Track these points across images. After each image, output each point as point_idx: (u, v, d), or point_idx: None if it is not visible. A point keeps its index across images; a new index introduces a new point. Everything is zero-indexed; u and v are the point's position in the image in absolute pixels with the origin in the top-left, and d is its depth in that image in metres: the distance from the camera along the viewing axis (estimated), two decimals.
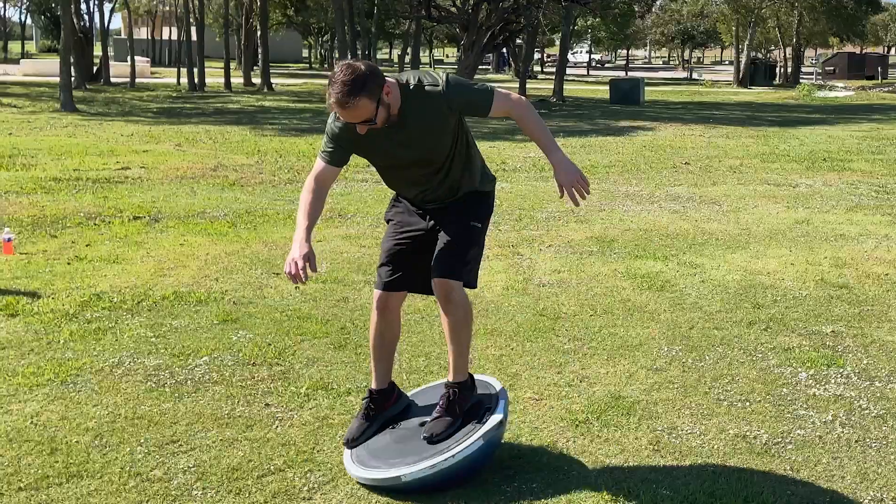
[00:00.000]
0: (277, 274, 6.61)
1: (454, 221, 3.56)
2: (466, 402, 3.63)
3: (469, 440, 3.43)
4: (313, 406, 4.20)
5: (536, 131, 3.51)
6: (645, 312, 5.82)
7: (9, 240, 7.14)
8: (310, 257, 3.36)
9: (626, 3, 50.70)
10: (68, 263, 6.82)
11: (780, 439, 3.94)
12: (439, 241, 3.54)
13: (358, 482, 3.49)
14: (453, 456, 3.39)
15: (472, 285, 3.59)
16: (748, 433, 4.00)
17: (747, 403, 4.35)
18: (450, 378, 3.65)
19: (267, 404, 4.21)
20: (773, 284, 6.57)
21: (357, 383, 4.48)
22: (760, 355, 5.04)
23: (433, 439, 3.48)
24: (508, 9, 28.54)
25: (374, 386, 3.77)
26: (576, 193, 3.45)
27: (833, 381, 4.67)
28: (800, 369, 4.82)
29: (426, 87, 3.36)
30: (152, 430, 3.89)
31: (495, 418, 3.53)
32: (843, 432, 4.03)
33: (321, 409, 4.16)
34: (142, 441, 3.78)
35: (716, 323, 5.62)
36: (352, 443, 3.62)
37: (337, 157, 3.50)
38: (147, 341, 5.05)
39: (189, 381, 4.46)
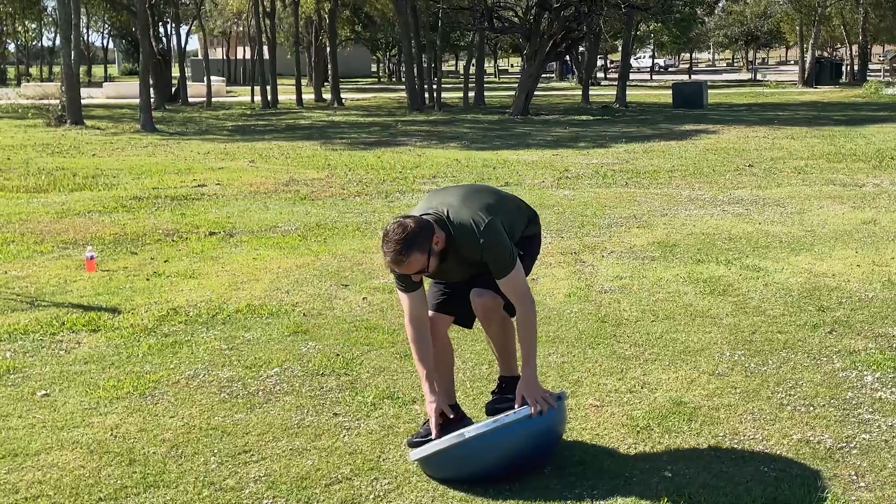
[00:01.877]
0: (346, 286, 6.67)
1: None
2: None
3: (526, 406, 3.52)
4: (379, 415, 4.24)
5: (524, 338, 3.60)
6: (707, 317, 5.74)
7: (91, 258, 7.34)
8: (443, 406, 3.64)
9: (688, 5, 50.03)
10: (147, 279, 6.98)
11: (844, 444, 3.85)
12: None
13: (422, 466, 3.55)
14: (515, 412, 3.48)
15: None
16: (812, 438, 3.91)
17: (811, 408, 4.25)
18: (502, 373, 3.88)
19: (335, 414, 4.26)
20: (839, 286, 6.42)
21: (422, 392, 4.50)
22: (825, 359, 4.93)
23: (495, 408, 3.69)
24: (570, 17, 28.36)
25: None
26: (537, 406, 3.50)
27: None
28: (865, 372, 4.70)
29: (467, 240, 3.49)
30: (225, 440, 3.97)
31: (556, 398, 3.61)
32: None
33: (387, 418, 4.19)
34: (215, 451, 3.85)
35: (779, 327, 5.51)
36: (415, 445, 3.68)
37: (409, 286, 3.64)
38: (221, 354, 5.15)
39: (260, 392, 4.54)
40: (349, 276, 7.00)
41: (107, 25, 72.22)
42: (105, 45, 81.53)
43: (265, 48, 37.26)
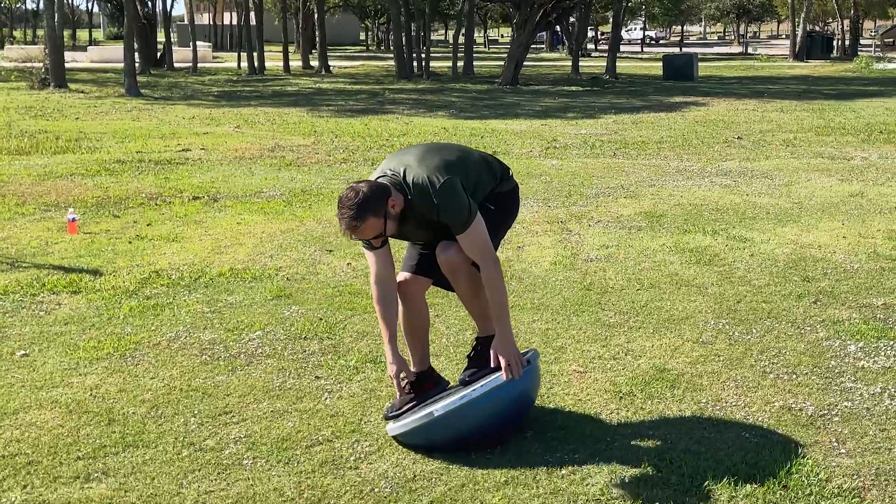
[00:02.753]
0: (330, 251, 6.65)
1: None
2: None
3: (497, 375, 3.49)
4: (362, 379, 4.23)
5: (491, 297, 3.51)
6: (692, 286, 5.74)
7: (73, 220, 7.28)
8: (404, 368, 3.65)
9: None
10: (130, 242, 6.93)
11: (826, 411, 3.87)
12: None
13: (396, 439, 3.55)
14: (482, 386, 3.45)
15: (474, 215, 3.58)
16: (794, 405, 3.93)
17: (794, 376, 4.27)
18: (478, 334, 3.79)
19: (317, 377, 4.25)
20: (824, 258, 6.43)
21: (405, 356, 4.49)
22: (809, 328, 4.94)
23: (467, 378, 3.61)
24: None
25: (412, 368, 3.78)
26: (510, 370, 3.46)
27: (883, 353, 4.56)
28: (849, 342, 4.72)
29: (423, 201, 3.41)
30: (206, 401, 3.95)
31: (526, 361, 3.58)
32: (891, 404, 3.94)
33: (369, 382, 4.19)
34: (195, 412, 3.84)
35: (764, 296, 5.52)
36: (391, 419, 3.66)
37: (371, 244, 3.57)
38: (203, 316, 5.12)
39: (242, 355, 4.52)
40: (334, 241, 6.97)
41: None
42: (90, 8, 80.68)
43: (252, 14, 36.91)
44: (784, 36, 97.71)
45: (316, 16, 39.68)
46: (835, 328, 4.93)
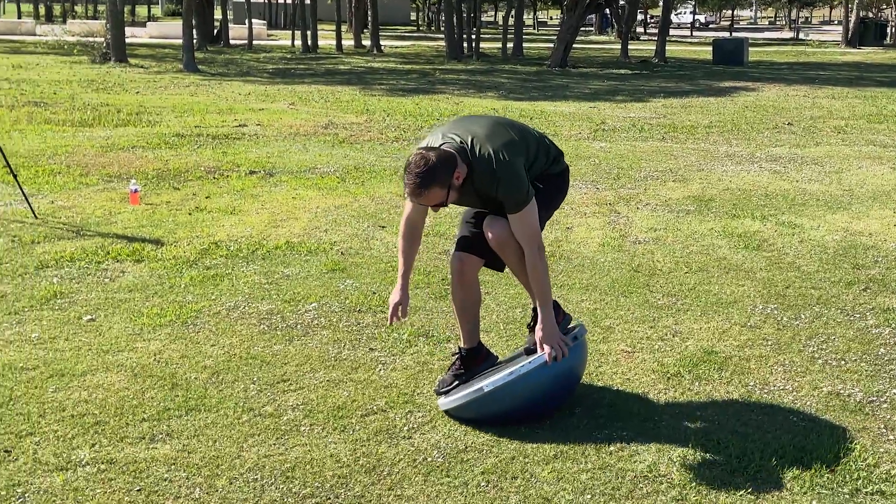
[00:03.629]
0: (383, 227, 6.70)
1: None
2: (558, 317, 3.65)
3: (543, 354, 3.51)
4: (414, 352, 4.28)
5: (534, 282, 3.52)
6: (741, 271, 5.70)
7: (135, 191, 7.41)
8: (402, 303, 3.61)
9: None
10: (189, 214, 7.04)
11: (874, 398, 3.84)
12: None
13: (447, 413, 3.58)
14: (530, 362, 3.47)
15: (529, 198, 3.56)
16: (842, 391, 3.90)
17: (843, 362, 4.24)
18: (535, 304, 3.71)
19: (371, 349, 4.30)
20: (875, 245, 6.34)
21: (456, 332, 4.52)
22: (858, 315, 4.89)
23: (532, 349, 3.55)
24: None
25: (462, 344, 3.81)
26: (553, 353, 3.46)
27: None
28: None
29: (485, 174, 3.40)
30: (264, 369, 4.03)
31: (573, 338, 3.59)
32: None
33: (422, 355, 4.23)
34: (255, 379, 3.91)
35: (813, 283, 5.47)
36: (442, 394, 3.70)
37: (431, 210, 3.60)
38: (261, 287, 5.20)
39: (299, 326, 4.59)
40: (386, 217, 7.02)
41: None
42: None
43: None
44: (836, 21, 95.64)
45: None
46: (885, 316, 4.88)
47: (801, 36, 58.28)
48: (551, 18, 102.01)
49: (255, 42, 37.70)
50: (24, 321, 4.57)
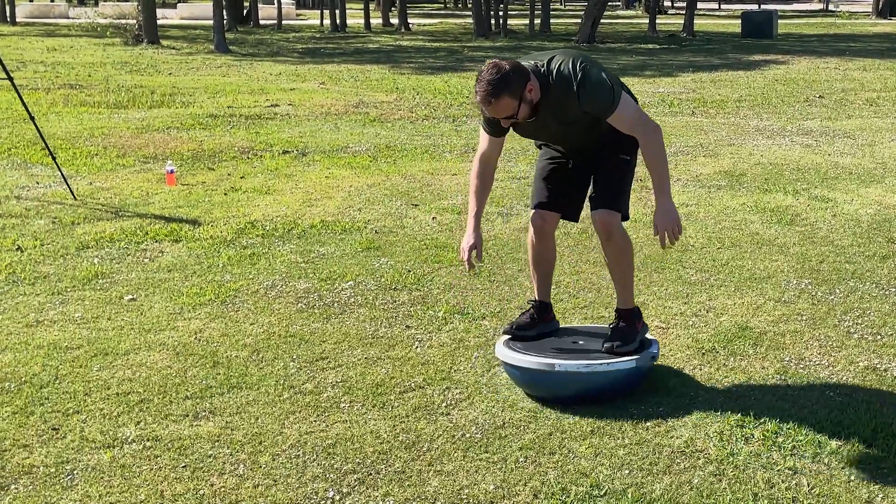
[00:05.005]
0: (416, 205, 6.70)
1: (606, 156, 3.56)
2: (637, 325, 3.64)
3: (624, 358, 3.49)
4: (450, 329, 4.28)
5: (655, 165, 3.41)
6: (774, 246, 5.65)
7: (171, 172, 7.46)
8: (476, 246, 3.55)
9: None
10: (225, 194, 7.08)
11: None
12: (596, 175, 3.57)
13: (506, 368, 3.59)
14: (608, 364, 3.45)
15: (627, 217, 3.60)
16: (878, 365, 3.86)
17: (878, 336, 4.19)
18: (618, 305, 3.69)
19: (407, 326, 4.31)
20: None
21: (491, 308, 4.54)
22: (894, 290, 4.83)
23: (614, 349, 3.51)
24: None
25: (536, 296, 3.82)
26: (667, 237, 3.38)
27: None
28: None
29: (563, 87, 3.34)
30: (303, 347, 4.05)
31: (649, 352, 3.59)
32: None
33: (457, 332, 4.24)
34: (294, 357, 3.94)
35: (847, 257, 5.40)
36: (514, 331, 3.68)
37: (493, 130, 3.58)
38: (297, 266, 5.23)
39: (336, 304, 4.61)
40: (419, 196, 7.01)
41: None
42: None
43: None
44: None
45: None
46: None
47: (832, 7, 57.28)
48: None
49: (284, 22, 37.71)
50: (67, 301, 4.62)
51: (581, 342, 3.68)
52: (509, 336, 3.70)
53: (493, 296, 4.73)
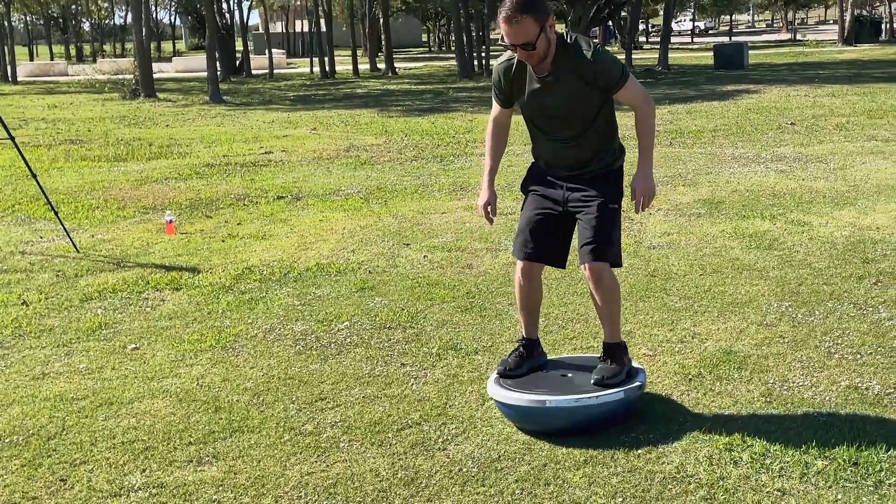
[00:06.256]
0: (407, 244, 6.70)
1: (594, 205, 3.52)
2: (625, 359, 3.64)
3: (612, 390, 3.48)
4: (444, 365, 4.27)
5: (646, 135, 3.56)
6: (754, 270, 5.66)
7: (170, 221, 7.46)
8: (490, 202, 3.67)
9: None
10: (223, 241, 7.08)
11: (892, 390, 3.79)
12: (582, 226, 3.54)
13: (499, 406, 3.58)
14: (597, 397, 3.44)
15: (619, 264, 3.59)
16: (860, 384, 3.86)
17: (858, 356, 4.19)
18: (606, 339, 3.69)
19: (402, 364, 4.30)
20: (883, 239, 6.28)
21: (483, 343, 4.53)
22: (871, 309, 4.84)
23: (603, 381, 3.51)
24: None
25: (524, 334, 3.83)
26: (642, 203, 3.53)
27: None
28: None
29: (577, 48, 3.40)
30: (302, 389, 4.03)
31: (637, 382, 3.58)
32: None
33: (451, 368, 4.23)
34: (294, 399, 3.92)
35: (825, 279, 5.42)
36: (507, 373, 3.68)
37: (502, 99, 3.65)
38: (294, 309, 5.22)
39: (333, 345, 4.60)
40: (410, 235, 7.03)
41: (173, 3, 72.72)
42: (172, 21, 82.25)
43: (322, 21, 37.22)
44: (832, 21, 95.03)
45: (381, 20, 39.85)
46: None
47: (799, 37, 57.95)
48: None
49: (275, 71, 37.98)
50: (72, 353, 4.60)
51: (570, 374, 3.67)
52: (500, 375, 3.70)
53: (485, 330, 4.73)
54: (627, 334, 4.58)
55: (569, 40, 3.42)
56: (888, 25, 54.63)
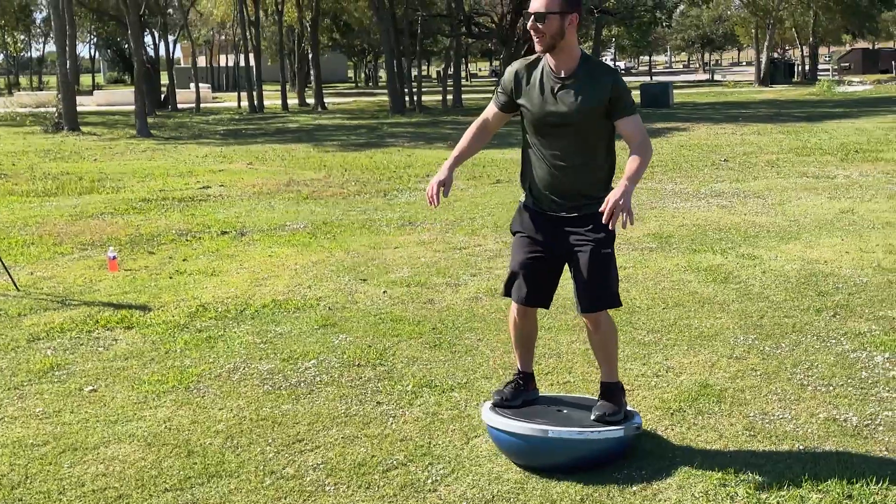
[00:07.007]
0: (364, 280, 6.60)
1: (587, 251, 3.45)
2: (622, 397, 3.61)
3: (613, 427, 3.45)
4: (421, 403, 4.18)
5: (639, 164, 3.37)
6: (714, 304, 5.73)
7: (113, 258, 7.21)
8: (445, 183, 3.51)
9: (650, 11, 50.21)
10: (170, 277, 6.87)
11: (869, 421, 3.84)
12: (577, 273, 3.47)
13: (495, 434, 3.51)
14: (599, 432, 3.40)
15: (618, 305, 3.54)
16: (838, 416, 3.90)
17: (830, 387, 4.25)
18: (604, 379, 3.65)
19: (378, 402, 4.19)
20: (833, 272, 6.43)
21: (458, 380, 4.45)
22: (834, 341, 4.93)
23: (605, 418, 3.46)
24: None
25: (520, 367, 3.78)
26: (615, 215, 3.24)
27: None
28: (875, 353, 4.71)
29: (602, 65, 3.46)
30: (277, 430, 3.89)
31: (635, 422, 3.55)
32: None
33: (429, 406, 4.14)
34: (270, 441, 3.78)
35: (785, 311, 5.51)
36: (503, 403, 3.61)
37: (503, 103, 3.61)
38: (257, 347, 5.07)
39: (302, 384, 4.46)
40: (365, 270, 6.92)
41: (93, 36, 71.47)
42: (92, 54, 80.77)
43: (251, 55, 36.96)
44: (745, 63, 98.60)
45: (311, 55, 39.77)
46: (858, 340, 4.92)
47: (718, 77, 59.85)
48: (480, 70, 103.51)
49: (202, 105, 37.46)
50: (25, 395, 4.37)
51: (565, 410, 3.62)
52: (496, 405, 3.63)
53: (458, 367, 4.65)
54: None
55: (593, 58, 3.49)
56: (800, 68, 56.89)
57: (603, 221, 3.24)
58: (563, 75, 3.42)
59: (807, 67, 55.71)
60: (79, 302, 6.15)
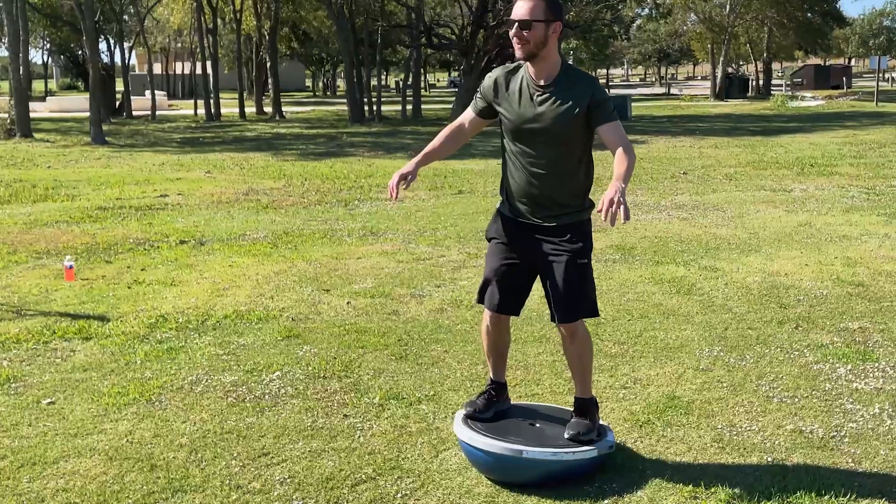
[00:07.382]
0: (327, 290, 6.54)
1: (563, 261, 3.42)
2: (596, 413, 3.60)
3: (587, 447, 3.43)
4: (389, 415, 4.13)
5: (625, 163, 3.32)
6: (679, 315, 5.76)
7: (70, 267, 7.06)
8: (407, 177, 3.50)
9: (607, 25, 50.74)
10: (129, 287, 6.74)
11: (835, 433, 3.88)
12: (552, 283, 3.44)
13: (468, 450, 3.48)
14: (573, 453, 3.38)
15: (596, 314, 3.54)
16: (804, 428, 3.94)
17: (796, 399, 4.29)
18: (578, 394, 3.63)
19: (345, 415, 4.14)
20: (794, 285, 6.51)
21: (425, 392, 4.42)
22: (797, 353, 4.98)
23: (579, 437, 3.44)
24: (504, 34, 28.53)
25: (493, 377, 3.76)
26: (611, 210, 3.10)
27: (871, 375, 4.61)
28: (837, 365, 4.76)
29: (582, 73, 3.47)
30: (242, 443, 3.82)
31: (608, 440, 3.53)
32: (892, 424, 3.98)
33: (397, 419, 4.10)
34: (234, 455, 3.71)
35: (748, 323, 5.56)
36: (475, 415, 3.59)
37: (481, 108, 3.60)
38: (219, 359, 4.98)
39: (267, 396, 4.39)
40: (328, 281, 6.86)
41: (46, 42, 70.33)
42: (45, 60, 79.48)
43: (208, 63, 36.62)
44: (700, 77, 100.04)
45: (269, 64, 39.52)
46: (821, 352, 4.98)
47: (675, 91, 60.63)
48: (438, 81, 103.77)
49: (157, 112, 37.02)
50: None
51: (538, 424, 3.60)
52: (468, 417, 3.60)
53: (425, 379, 4.61)
54: (569, 380, 4.55)
55: (573, 67, 3.49)
56: (754, 83, 57.84)
57: (602, 220, 3.21)
58: (543, 83, 3.41)
59: (761, 82, 56.66)
60: (35, 312, 6.01)
